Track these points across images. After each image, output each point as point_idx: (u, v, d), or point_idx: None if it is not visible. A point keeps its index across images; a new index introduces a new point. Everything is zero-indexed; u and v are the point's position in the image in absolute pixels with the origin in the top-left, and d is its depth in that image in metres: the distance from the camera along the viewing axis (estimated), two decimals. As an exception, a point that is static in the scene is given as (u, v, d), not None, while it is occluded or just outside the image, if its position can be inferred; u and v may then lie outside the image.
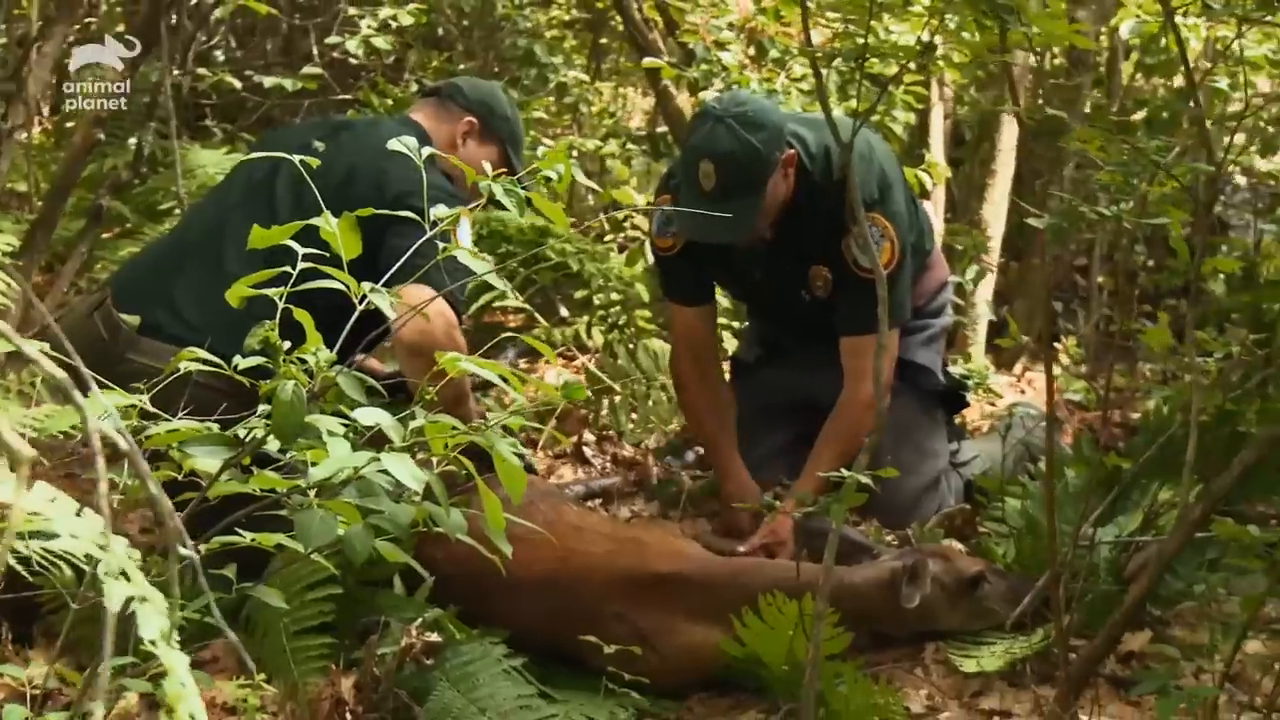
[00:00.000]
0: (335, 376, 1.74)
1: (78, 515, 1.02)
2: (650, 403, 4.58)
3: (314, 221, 1.91)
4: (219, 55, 6.77)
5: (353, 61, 6.10)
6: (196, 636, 2.70)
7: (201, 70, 5.88)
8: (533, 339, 2.53)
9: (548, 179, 2.00)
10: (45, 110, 6.35)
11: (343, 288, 1.85)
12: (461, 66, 6.71)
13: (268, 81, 5.56)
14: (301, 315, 1.84)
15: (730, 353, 4.39)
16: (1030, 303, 5.55)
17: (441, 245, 2.19)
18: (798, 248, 3.57)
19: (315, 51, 6.08)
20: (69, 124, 5.82)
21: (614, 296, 5.04)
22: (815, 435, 3.57)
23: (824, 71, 4.53)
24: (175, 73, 5.57)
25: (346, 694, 2.61)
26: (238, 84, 5.72)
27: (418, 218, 2.18)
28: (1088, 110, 5.47)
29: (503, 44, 6.68)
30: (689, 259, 3.64)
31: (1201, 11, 3.61)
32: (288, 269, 1.86)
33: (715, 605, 2.78)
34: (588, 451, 4.27)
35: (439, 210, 2.06)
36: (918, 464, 3.61)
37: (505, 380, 1.81)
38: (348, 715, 2.59)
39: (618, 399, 4.50)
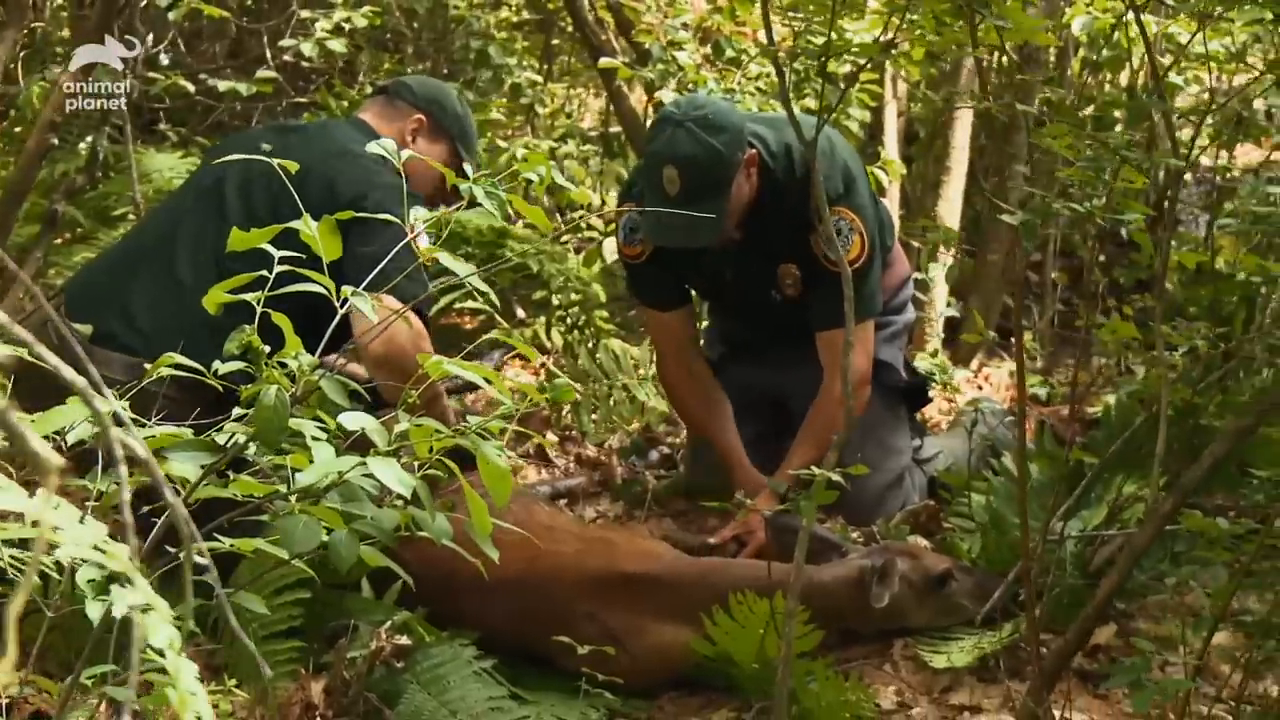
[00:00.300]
0: (318, 381, 1.72)
1: (80, 523, 1.00)
2: (612, 402, 4.57)
3: (294, 225, 1.89)
4: (165, 59, 6.71)
5: (305, 65, 6.07)
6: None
7: (153, 74, 5.83)
8: (518, 341, 2.52)
9: (528, 181, 1.99)
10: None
11: (322, 290, 1.83)
12: (411, 69, 6.69)
13: (222, 85, 5.51)
14: (280, 319, 1.83)
15: None
16: (986, 298, 5.57)
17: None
18: (766, 247, 3.56)
19: (268, 54, 6.03)
20: (17, 129, 5.76)
21: (573, 297, 5.03)
22: (781, 433, 3.59)
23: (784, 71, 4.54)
24: (128, 77, 5.52)
25: (316, 698, 2.59)
26: (191, 87, 5.67)
27: (377, 220, 2.17)
28: (1039, 107, 5.50)
29: (454, 45, 6.66)
30: (659, 264, 3.62)
31: (1159, 9, 3.65)
32: (264, 273, 1.84)
33: (685, 605, 2.78)
34: (550, 452, 4.26)
35: (418, 212, 2.05)
36: (882, 460, 3.61)
37: (489, 382, 1.80)
38: (318, 719, 2.57)
39: (579, 399, 4.48)
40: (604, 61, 4.96)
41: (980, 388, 5.20)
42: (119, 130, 4.67)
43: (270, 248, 1.85)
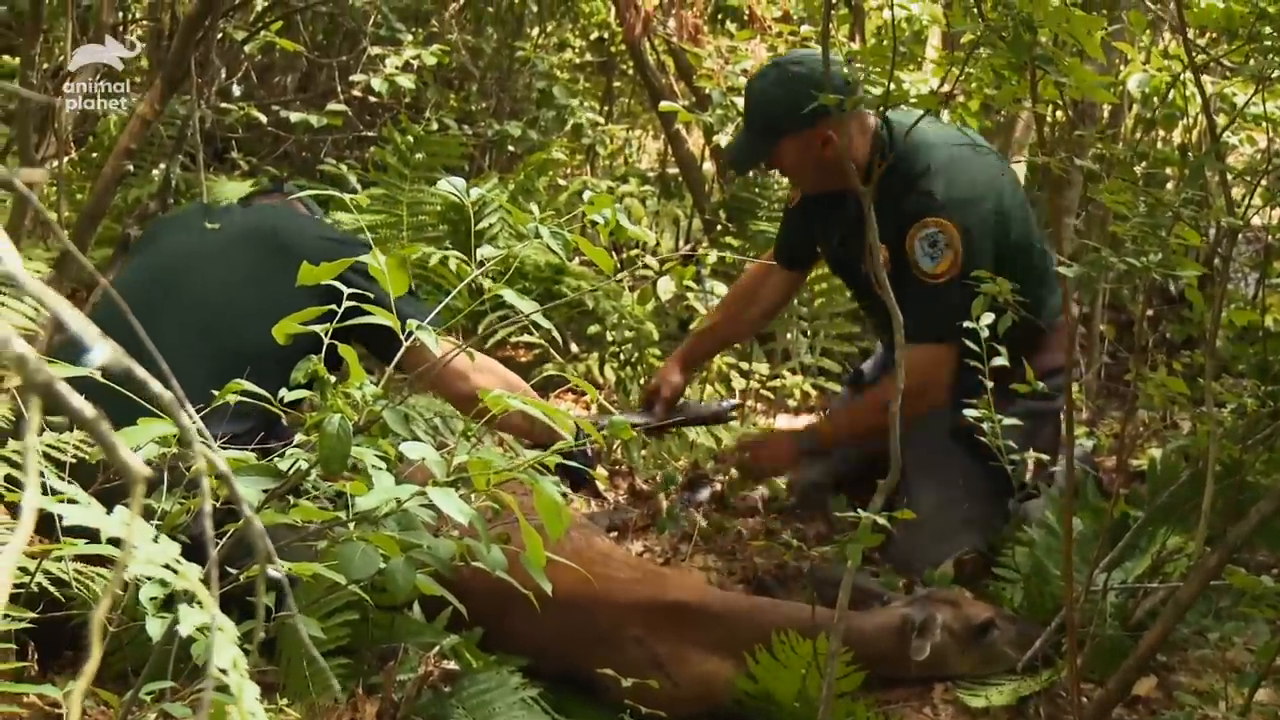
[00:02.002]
0: (380, 411, 1.74)
1: (155, 541, 1.02)
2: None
3: (363, 259, 1.92)
4: (238, 90, 6.80)
5: (372, 100, 6.13)
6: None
7: (226, 105, 5.91)
8: (573, 375, 2.55)
9: (593, 221, 2.00)
10: (73, 143, 6.37)
11: (385, 322, 1.85)
12: (476, 106, 6.75)
13: (293, 117, 5.58)
14: (346, 351, 1.85)
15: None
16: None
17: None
18: (844, 220, 3.65)
19: (338, 88, 6.10)
20: (94, 155, 5.84)
21: (626, 334, 5.04)
22: (880, 457, 3.56)
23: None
24: (202, 107, 5.60)
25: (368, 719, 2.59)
26: (263, 118, 5.74)
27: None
28: (1094, 162, 5.48)
29: (518, 85, 6.72)
30: (803, 216, 3.83)
31: (1216, 69, 3.63)
32: (333, 307, 1.87)
33: (730, 638, 2.78)
34: (600, 486, 4.26)
35: (485, 251, 2.06)
36: (956, 533, 3.47)
37: (550, 417, 1.81)
38: (367, 741, 2.58)
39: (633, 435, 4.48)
40: (664, 105, 4.99)
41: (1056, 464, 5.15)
42: (191, 158, 4.73)
43: (339, 284, 1.88)
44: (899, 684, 2.92)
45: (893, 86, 2.48)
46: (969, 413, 3.39)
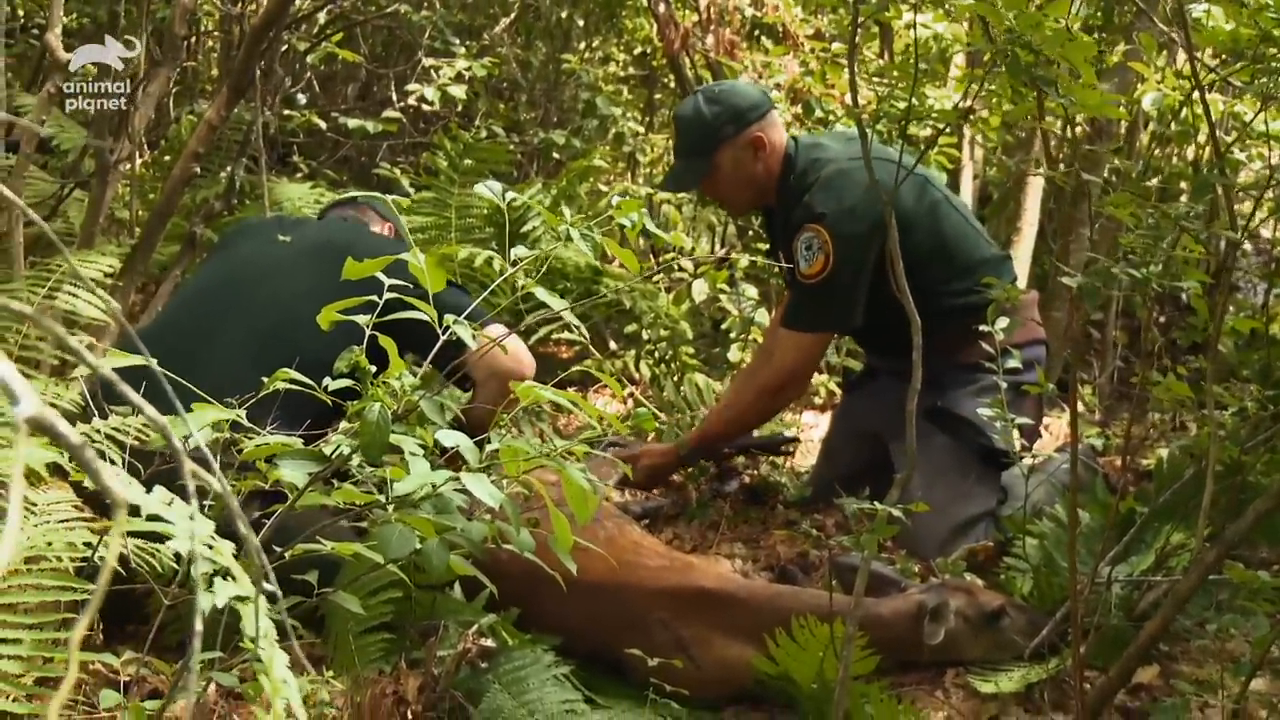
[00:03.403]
0: (418, 401, 1.75)
1: (191, 519, 1.03)
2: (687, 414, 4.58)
3: (403, 257, 1.93)
4: (302, 98, 6.84)
5: (425, 108, 6.16)
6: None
7: (289, 111, 5.94)
8: (607, 376, 2.56)
9: (622, 226, 2.01)
10: (146, 146, 6.42)
11: (425, 318, 1.85)
12: (525, 116, 6.76)
13: (351, 123, 5.61)
14: (386, 342, 1.86)
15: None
16: (1050, 353, 5.50)
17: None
18: (775, 233, 3.89)
19: (395, 97, 6.12)
20: (166, 158, 5.89)
21: (662, 332, 5.04)
22: (883, 462, 3.63)
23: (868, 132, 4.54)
24: (266, 113, 5.64)
25: (410, 694, 2.60)
26: (323, 124, 5.77)
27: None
28: (1108, 176, 5.45)
29: (564, 96, 6.73)
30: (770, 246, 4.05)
31: (1227, 89, 3.59)
32: (373, 298, 1.88)
33: (753, 624, 2.77)
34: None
35: (518, 251, 2.08)
36: (949, 504, 3.52)
37: (576, 406, 1.82)
38: (408, 713, 2.59)
39: (663, 429, 4.49)
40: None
41: (1040, 436, 5.13)
42: (255, 162, 4.76)
43: (383, 276, 1.89)
44: (913, 668, 2.91)
45: (915, 101, 2.46)
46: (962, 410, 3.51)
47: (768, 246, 4.08)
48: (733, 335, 4.94)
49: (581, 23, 7.00)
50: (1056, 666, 2.74)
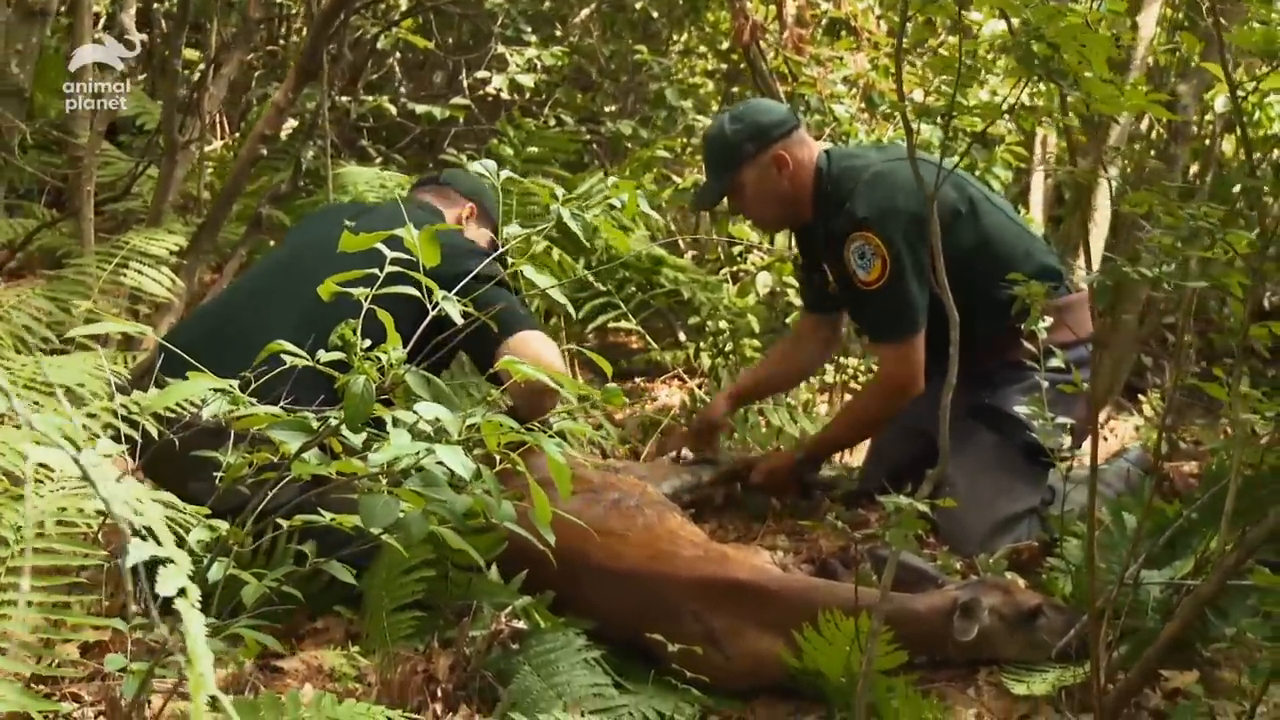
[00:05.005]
0: (404, 375, 1.80)
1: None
2: (748, 425, 4.58)
3: (398, 232, 1.98)
4: (388, 86, 6.92)
5: (500, 96, 6.20)
6: (308, 609, 2.78)
7: (364, 97, 6.02)
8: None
9: (612, 206, 2.03)
10: (226, 127, 6.54)
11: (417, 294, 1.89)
12: (605, 107, 6.79)
13: (419, 109, 5.67)
14: (384, 316, 1.91)
15: None
16: (1119, 355, 5.45)
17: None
18: (812, 247, 3.88)
19: (466, 85, 6.18)
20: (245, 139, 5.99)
21: (722, 325, 5.05)
22: (932, 459, 3.59)
23: (924, 126, 4.54)
24: (341, 99, 5.72)
25: (441, 673, 2.64)
26: (393, 110, 5.84)
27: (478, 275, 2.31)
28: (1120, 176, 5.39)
29: (646, 88, 6.77)
30: (805, 262, 4.01)
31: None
32: (374, 271, 1.94)
33: (784, 617, 2.77)
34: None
35: (511, 230, 2.13)
36: (993, 499, 3.52)
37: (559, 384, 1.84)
38: (439, 691, 2.63)
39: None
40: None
41: (1105, 439, 5.08)
42: (322, 144, 4.84)
43: (384, 248, 1.95)
44: (947, 665, 2.90)
45: (959, 98, 2.46)
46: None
47: (802, 264, 4.06)
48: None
49: (656, 14, 7.01)
50: (1087, 670, 2.71)
